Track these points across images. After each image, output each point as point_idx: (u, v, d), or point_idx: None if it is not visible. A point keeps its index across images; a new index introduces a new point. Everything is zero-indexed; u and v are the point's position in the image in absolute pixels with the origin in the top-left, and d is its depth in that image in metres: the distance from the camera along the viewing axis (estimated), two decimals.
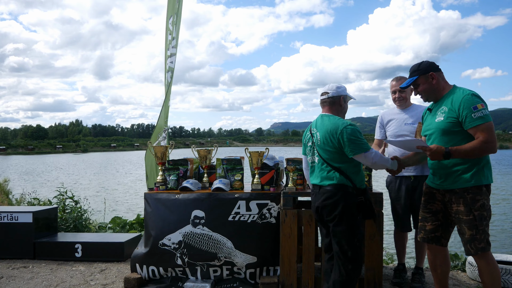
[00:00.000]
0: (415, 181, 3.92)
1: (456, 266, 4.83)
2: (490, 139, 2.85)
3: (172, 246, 3.90)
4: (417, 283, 3.99)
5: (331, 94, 3.25)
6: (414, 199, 3.92)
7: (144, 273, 4.02)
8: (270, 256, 3.89)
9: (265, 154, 4.07)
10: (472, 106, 2.89)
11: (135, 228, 6.51)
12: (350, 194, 3.08)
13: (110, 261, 4.90)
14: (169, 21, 5.46)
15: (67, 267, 4.71)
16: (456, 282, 4.22)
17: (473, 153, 2.89)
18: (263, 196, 3.87)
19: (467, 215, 2.95)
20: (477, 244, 2.94)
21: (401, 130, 3.99)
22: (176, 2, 5.43)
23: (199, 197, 3.92)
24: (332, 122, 3.12)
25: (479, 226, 2.93)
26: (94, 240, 5.09)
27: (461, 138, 2.96)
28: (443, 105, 3.08)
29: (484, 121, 2.87)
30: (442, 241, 3.20)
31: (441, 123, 3.04)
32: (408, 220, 4.05)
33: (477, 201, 2.95)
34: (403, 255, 4.18)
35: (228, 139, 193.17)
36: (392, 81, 4.13)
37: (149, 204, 4.03)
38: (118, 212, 11.76)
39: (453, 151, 2.89)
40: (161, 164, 4.23)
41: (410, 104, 4.08)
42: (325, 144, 3.11)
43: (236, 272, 3.92)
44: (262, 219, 3.84)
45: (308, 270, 3.72)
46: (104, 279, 4.31)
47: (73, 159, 63.96)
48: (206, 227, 3.86)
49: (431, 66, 3.15)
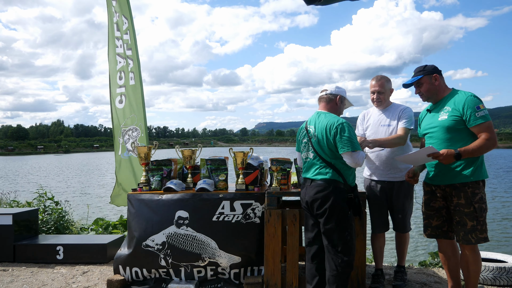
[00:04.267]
0: (390, 184, 3.95)
1: (437, 263, 4.91)
2: (492, 136, 3.12)
3: (156, 247, 3.87)
4: (399, 281, 4.03)
5: (329, 92, 3.39)
6: (392, 200, 3.96)
7: (127, 274, 3.98)
8: (254, 256, 3.89)
9: (249, 154, 4.07)
10: (476, 106, 3.16)
11: (118, 229, 6.45)
12: (341, 190, 3.18)
13: (93, 263, 4.83)
14: (122, 25, 5.43)
15: (48, 270, 4.63)
16: (437, 279, 4.28)
17: (480, 150, 3.14)
18: (247, 196, 3.87)
19: (468, 208, 3.18)
20: (478, 234, 3.18)
21: (377, 132, 3.97)
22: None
23: (183, 197, 3.89)
24: (328, 119, 3.23)
25: (479, 218, 3.18)
26: (76, 242, 5.02)
27: (462, 136, 3.20)
28: (446, 105, 3.31)
29: (486, 119, 3.14)
30: (450, 234, 3.42)
31: (445, 121, 3.26)
32: (381, 221, 4.04)
33: (476, 195, 3.19)
34: (380, 260, 4.15)
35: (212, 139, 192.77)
36: (371, 80, 4.08)
37: (132, 205, 4.00)
38: (101, 213, 11.61)
39: (462, 152, 3.11)
40: (145, 165, 4.19)
41: (389, 104, 4.05)
42: (320, 140, 3.22)
43: (221, 273, 3.91)
44: (247, 219, 3.83)
45: (292, 269, 3.74)
46: (86, 282, 4.26)
47: (55, 160, 62.96)
48: (190, 227, 3.84)
49: (436, 69, 3.41)
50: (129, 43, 5.35)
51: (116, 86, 5.50)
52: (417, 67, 3.50)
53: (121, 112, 5.47)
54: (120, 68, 5.47)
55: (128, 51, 5.35)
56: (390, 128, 3.93)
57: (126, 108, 5.44)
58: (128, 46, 5.35)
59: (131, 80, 5.37)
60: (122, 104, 5.45)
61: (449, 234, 3.41)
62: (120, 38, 5.41)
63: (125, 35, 5.36)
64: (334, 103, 3.38)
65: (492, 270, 4.01)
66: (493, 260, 4.32)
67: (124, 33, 5.37)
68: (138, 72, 5.35)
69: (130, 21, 5.34)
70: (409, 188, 3.96)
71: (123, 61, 5.42)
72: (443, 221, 3.40)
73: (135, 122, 5.34)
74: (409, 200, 3.99)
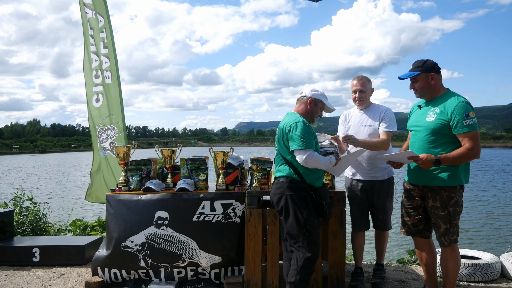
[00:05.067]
0: (371, 184, 4.00)
1: (415, 261, 5.00)
2: (475, 147, 3.07)
3: (135, 248, 3.82)
4: (378, 278, 4.09)
5: (303, 94, 3.44)
6: (373, 199, 4.02)
7: (106, 276, 3.92)
8: (235, 256, 3.88)
9: (229, 154, 4.06)
10: (465, 113, 3.10)
11: (96, 230, 6.34)
12: (297, 188, 3.25)
13: (70, 265, 4.75)
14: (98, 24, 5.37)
15: (24, 273, 4.53)
16: (415, 276, 4.36)
17: (460, 159, 3.10)
18: (227, 196, 3.87)
19: (443, 211, 3.20)
20: (450, 236, 3.23)
21: (358, 132, 4.01)
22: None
23: (162, 197, 3.86)
24: (289, 118, 3.33)
25: (453, 221, 3.21)
26: (53, 244, 4.91)
27: (446, 140, 3.18)
28: (436, 106, 3.25)
29: (472, 129, 3.08)
30: (425, 233, 3.44)
31: (431, 123, 3.22)
32: (361, 220, 4.09)
33: (452, 198, 3.20)
34: (360, 258, 4.21)
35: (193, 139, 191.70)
36: (353, 80, 4.12)
37: (111, 205, 3.94)
38: (79, 214, 11.41)
39: (442, 159, 3.09)
40: (124, 165, 4.14)
41: (370, 104, 4.09)
42: (279, 138, 3.35)
43: (201, 273, 3.90)
44: (227, 219, 3.83)
45: (273, 269, 3.75)
46: (63, 284, 4.18)
47: (31, 160, 61.55)
48: (170, 228, 3.81)
49: (435, 67, 3.28)
50: (105, 41, 5.28)
51: (92, 84, 5.43)
52: (417, 61, 3.34)
53: (98, 111, 5.40)
54: (95, 66, 5.39)
55: (104, 50, 5.28)
56: (371, 128, 3.97)
57: (103, 107, 5.36)
58: (105, 44, 5.28)
59: (107, 79, 5.30)
60: (99, 103, 5.38)
61: (425, 233, 3.44)
62: (94, 36, 5.33)
63: (101, 33, 5.28)
64: (305, 105, 3.41)
65: (468, 266, 4.10)
66: (468, 257, 4.42)
67: (100, 31, 5.29)
68: (116, 71, 5.29)
69: (107, 19, 5.27)
70: (389, 187, 4.03)
71: (98, 60, 5.35)
72: (420, 220, 3.42)
73: (113, 121, 5.27)
74: (390, 199, 4.06)
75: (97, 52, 5.33)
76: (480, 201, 15.25)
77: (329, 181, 3.90)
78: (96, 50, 5.35)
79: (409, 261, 5.05)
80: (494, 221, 11.69)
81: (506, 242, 8.72)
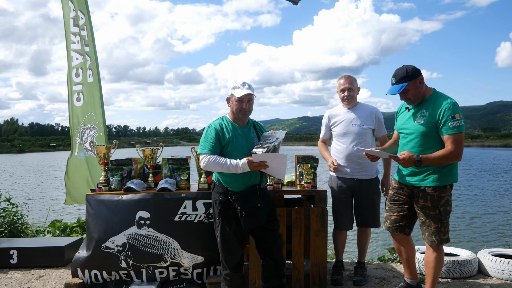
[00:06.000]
0: (358, 182, 4.04)
1: (395, 258, 5.07)
2: (457, 151, 3.10)
3: (116, 248, 3.78)
4: (359, 276, 4.13)
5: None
6: (361, 197, 4.05)
7: (86, 277, 3.86)
8: (217, 256, 3.86)
9: None
10: (451, 115, 3.12)
11: (76, 231, 6.24)
12: (214, 192, 3.33)
13: (49, 266, 4.66)
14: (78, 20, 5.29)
15: (1, 275, 4.43)
16: (395, 274, 4.42)
17: (440, 161, 3.14)
18: (209, 195, 3.84)
19: (434, 210, 3.25)
20: (442, 235, 3.28)
21: (348, 131, 4.02)
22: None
23: (144, 197, 3.82)
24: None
25: (444, 220, 3.27)
26: (31, 245, 4.80)
27: (436, 142, 3.20)
28: (424, 108, 3.26)
29: (458, 131, 3.10)
30: (406, 230, 3.49)
31: (421, 126, 3.24)
32: (347, 219, 4.12)
33: (442, 198, 3.25)
34: (341, 253, 4.27)
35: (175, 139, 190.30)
36: (340, 79, 4.13)
37: (91, 205, 3.88)
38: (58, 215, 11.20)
39: (423, 159, 3.13)
40: (104, 164, 4.09)
41: (357, 103, 4.11)
42: None
43: (183, 273, 3.87)
44: (209, 218, 3.81)
45: (255, 268, 3.75)
46: (42, 286, 4.10)
47: (8, 160, 60.18)
48: (151, 228, 3.77)
49: (418, 71, 3.24)
50: (86, 39, 5.20)
51: (73, 83, 5.34)
52: (398, 72, 3.24)
53: (79, 111, 5.31)
54: (77, 65, 5.30)
55: (86, 48, 5.20)
56: (363, 129, 4.00)
57: (84, 106, 5.28)
58: (86, 42, 5.20)
59: (89, 78, 5.21)
60: (80, 102, 5.29)
61: (405, 230, 3.49)
62: (78, 34, 5.24)
63: (82, 31, 5.20)
64: (228, 102, 3.38)
65: (446, 263, 4.18)
66: (447, 254, 4.51)
67: (81, 28, 5.20)
68: (96, 69, 5.21)
69: (87, 17, 5.18)
70: (377, 185, 4.10)
71: (80, 58, 5.26)
72: (402, 216, 3.46)
73: (93, 121, 5.19)
74: (378, 196, 4.12)
75: (80, 50, 5.24)
76: (462, 200, 15.54)
77: (311, 180, 3.92)
78: (77, 48, 5.26)
79: (390, 259, 5.12)
80: (475, 220, 11.92)
81: (486, 241, 8.91)
